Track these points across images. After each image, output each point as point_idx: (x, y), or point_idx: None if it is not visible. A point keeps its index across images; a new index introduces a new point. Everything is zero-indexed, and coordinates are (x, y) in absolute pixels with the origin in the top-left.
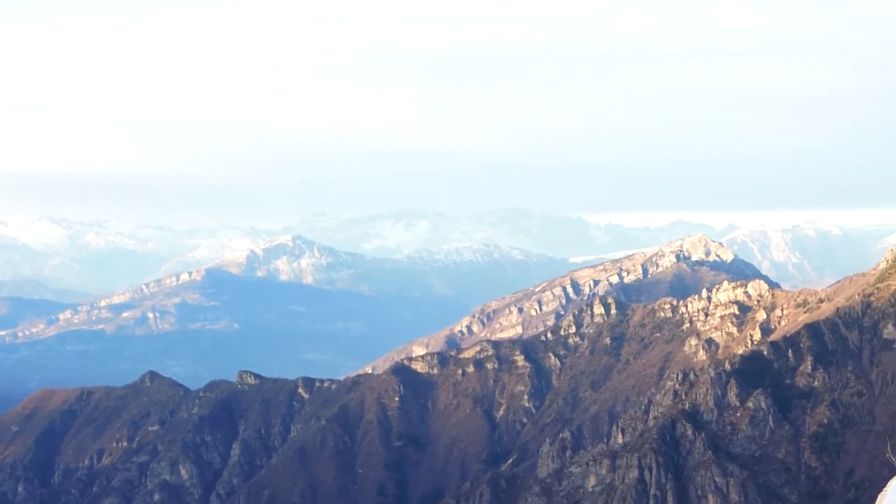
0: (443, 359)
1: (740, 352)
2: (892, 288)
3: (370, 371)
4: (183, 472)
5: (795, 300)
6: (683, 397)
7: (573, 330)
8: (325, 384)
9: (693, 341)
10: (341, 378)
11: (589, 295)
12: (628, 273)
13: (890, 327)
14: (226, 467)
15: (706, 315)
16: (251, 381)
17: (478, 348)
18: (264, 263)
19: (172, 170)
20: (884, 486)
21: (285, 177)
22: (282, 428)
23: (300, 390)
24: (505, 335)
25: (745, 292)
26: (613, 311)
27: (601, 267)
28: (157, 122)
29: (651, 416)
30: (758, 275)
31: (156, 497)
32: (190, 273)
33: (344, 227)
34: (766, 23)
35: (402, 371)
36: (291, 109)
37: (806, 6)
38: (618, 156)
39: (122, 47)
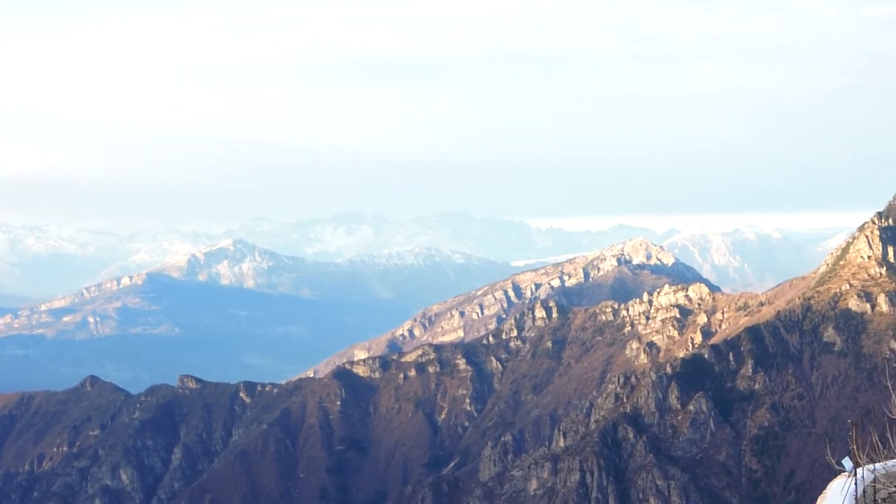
0: (384, 363)
1: (681, 355)
2: (832, 291)
3: (312, 375)
4: (124, 476)
5: (736, 303)
6: (625, 400)
7: (515, 333)
8: (267, 388)
9: (634, 344)
10: (283, 382)
11: (530, 299)
12: (570, 277)
13: (830, 330)
14: (167, 472)
15: (647, 318)
16: (192, 385)
17: (419, 352)
18: (205, 268)
19: (113, 174)
20: (824, 488)
21: (226, 181)
22: (223, 432)
23: (242, 394)
24: (446, 339)
25: (686, 296)
26: (555, 315)
27: (543, 271)
28: (97, 127)
29: (592, 420)
30: (698, 278)
31: (97, 502)
32: (131, 277)
33: (285, 231)
34: (706, 27)
35: (343, 375)
36: (232, 114)
37: (745, 10)
38: (559, 160)
39: (62, 50)
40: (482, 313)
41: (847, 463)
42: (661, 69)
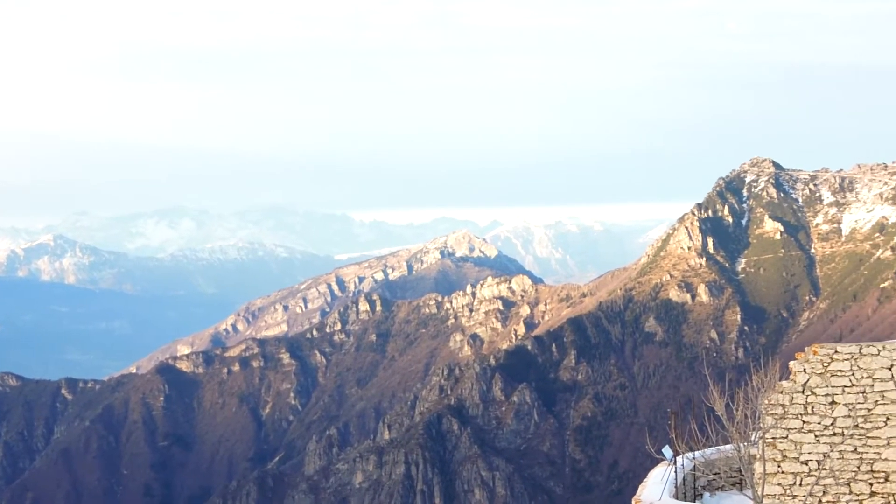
0: (208, 357)
1: (505, 347)
2: (653, 282)
3: (134, 371)
4: None
5: (558, 295)
6: (449, 392)
7: (339, 327)
8: (89, 385)
9: (458, 337)
10: (105, 378)
11: (354, 292)
12: (393, 270)
13: (651, 321)
14: None
15: (471, 311)
16: (13, 382)
17: (243, 346)
18: (25, 263)
19: None
20: (646, 476)
21: (46, 175)
22: (45, 429)
23: (63, 391)
24: (270, 333)
25: (509, 288)
26: (379, 308)
27: (366, 264)
28: None
29: (417, 412)
30: (521, 270)
31: None
32: None
33: (106, 225)
34: (524, 20)
35: (166, 370)
36: (51, 108)
37: (560, 4)
38: (381, 153)
39: None
40: (306, 307)
41: (667, 451)
42: (481, 62)
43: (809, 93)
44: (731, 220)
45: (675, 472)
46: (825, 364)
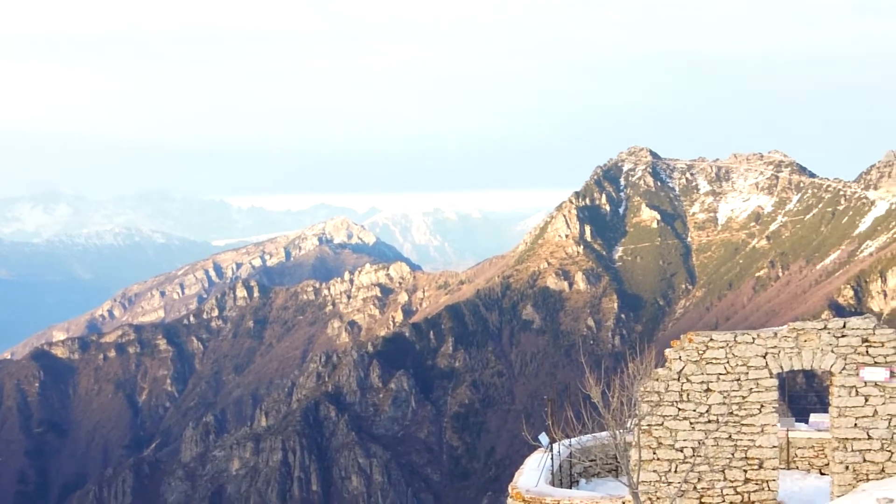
0: (84, 343)
1: (383, 333)
2: (531, 270)
3: (9, 357)
4: None
5: (437, 282)
6: (326, 379)
7: (216, 313)
8: None
9: (336, 323)
10: None
11: (232, 278)
12: (271, 256)
13: (529, 308)
14: None
15: (349, 297)
16: None
17: (119, 332)
18: None
19: None
20: (522, 463)
21: None
22: None
23: None
24: (147, 319)
25: (387, 275)
26: (256, 295)
27: (244, 250)
28: None
29: (294, 399)
30: (399, 257)
31: None
32: None
33: None
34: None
35: (41, 356)
36: None
37: None
38: (260, 139)
39: None
40: (183, 293)
41: (544, 438)
42: (358, 49)
43: (687, 82)
44: (608, 208)
45: (552, 458)
46: (700, 352)
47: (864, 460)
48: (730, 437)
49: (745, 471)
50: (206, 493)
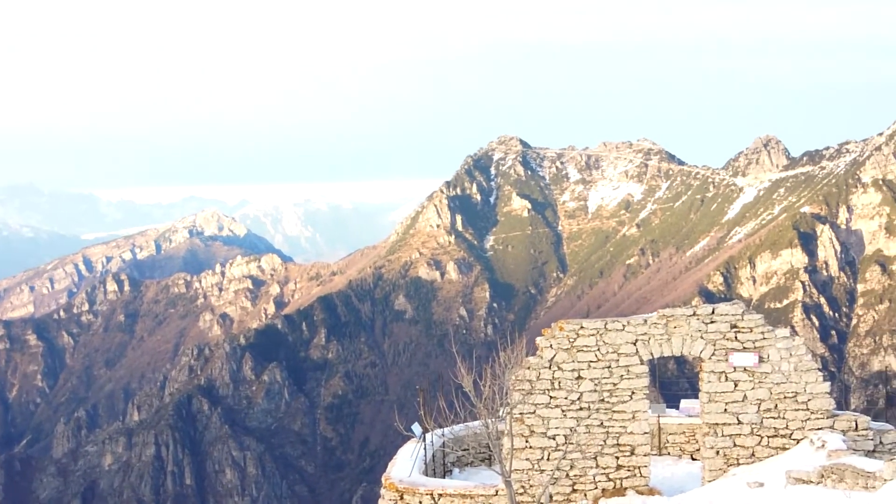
0: None
1: (255, 326)
2: (403, 260)
3: None
4: None
5: (308, 273)
6: (199, 372)
7: (86, 307)
8: None
9: (208, 316)
10: None
11: (102, 272)
12: (141, 249)
13: (401, 298)
14: None
15: (220, 290)
16: None
17: None
18: None
19: None
20: (395, 454)
21: None
22: None
23: None
24: (16, 314)
25: (259, 266)
26: (127, 288)
27: (114, 243)
28: None
29: (167, 393)
30: (271, 249)
31: None
32: None
33: None
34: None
35: None
36: None
37: None
38: (128, 130)
39: None
40: (52, 288)
41: (416, 429)
42: (224, 35)
43: (556, 71)
44: (479, 197)
45: (425, 448)
46: (571, 340)
47: (735, 445)
48: (601, 424)
49: (617, 457)
50: (79, 489)
